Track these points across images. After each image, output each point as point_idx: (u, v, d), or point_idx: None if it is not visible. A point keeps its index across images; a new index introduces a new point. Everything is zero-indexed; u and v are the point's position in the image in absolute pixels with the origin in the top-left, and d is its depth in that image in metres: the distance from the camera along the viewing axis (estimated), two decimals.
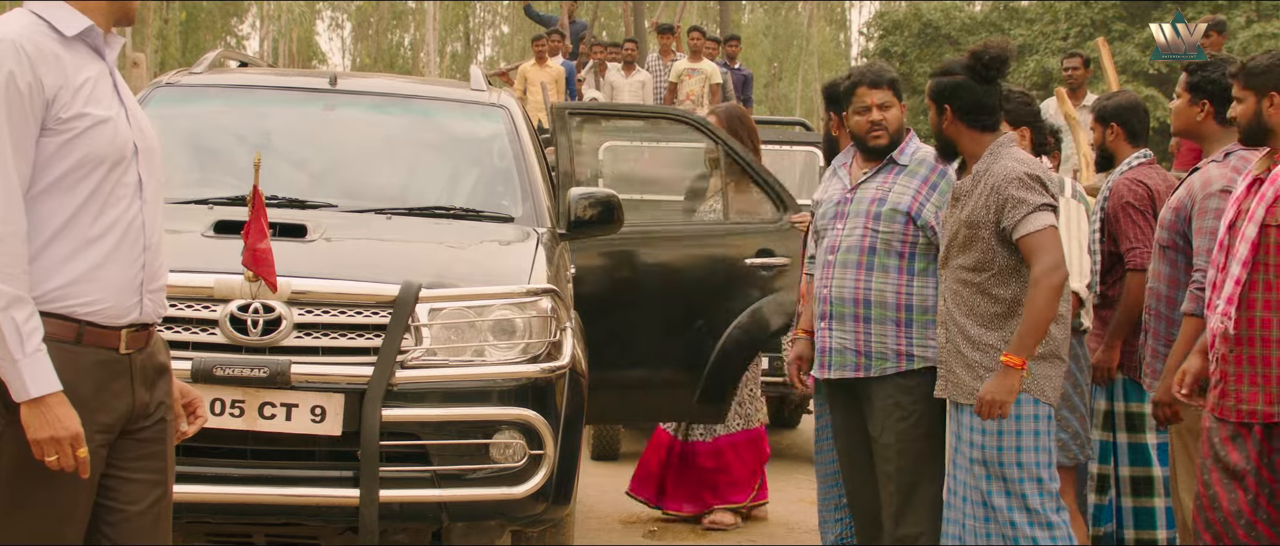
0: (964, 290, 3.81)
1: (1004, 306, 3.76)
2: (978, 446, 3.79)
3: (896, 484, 4.15)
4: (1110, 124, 4.69)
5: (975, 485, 3.80)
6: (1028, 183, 3.71)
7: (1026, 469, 3.77)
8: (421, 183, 4.93)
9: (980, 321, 3.77)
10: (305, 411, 3.72)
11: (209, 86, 5.16)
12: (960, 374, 3.81)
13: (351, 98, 5.24)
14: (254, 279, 3.66)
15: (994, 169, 3.77)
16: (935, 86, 3.92)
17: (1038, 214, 3.69)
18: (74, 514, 2.49)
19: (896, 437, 4.13)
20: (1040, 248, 3.67)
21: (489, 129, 5.10)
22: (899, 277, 4.15)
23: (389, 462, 3.74)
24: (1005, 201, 3.71)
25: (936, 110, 3.92)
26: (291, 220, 4.18)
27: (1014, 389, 3.66)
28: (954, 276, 3.84)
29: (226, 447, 3.75)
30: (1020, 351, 3.66)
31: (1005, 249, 3.75)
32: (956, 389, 3.82)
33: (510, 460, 3.82)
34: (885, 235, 4.17)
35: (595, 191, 4.80)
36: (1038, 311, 3.65)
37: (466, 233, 4.51)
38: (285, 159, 4.82)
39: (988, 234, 3.76)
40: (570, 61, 13.16)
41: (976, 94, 3.86)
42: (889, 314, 4.15)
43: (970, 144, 3.89)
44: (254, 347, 3.73)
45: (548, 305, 3.93)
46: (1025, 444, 3.77)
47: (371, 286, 3.83)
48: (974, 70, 3.87)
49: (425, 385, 3.80)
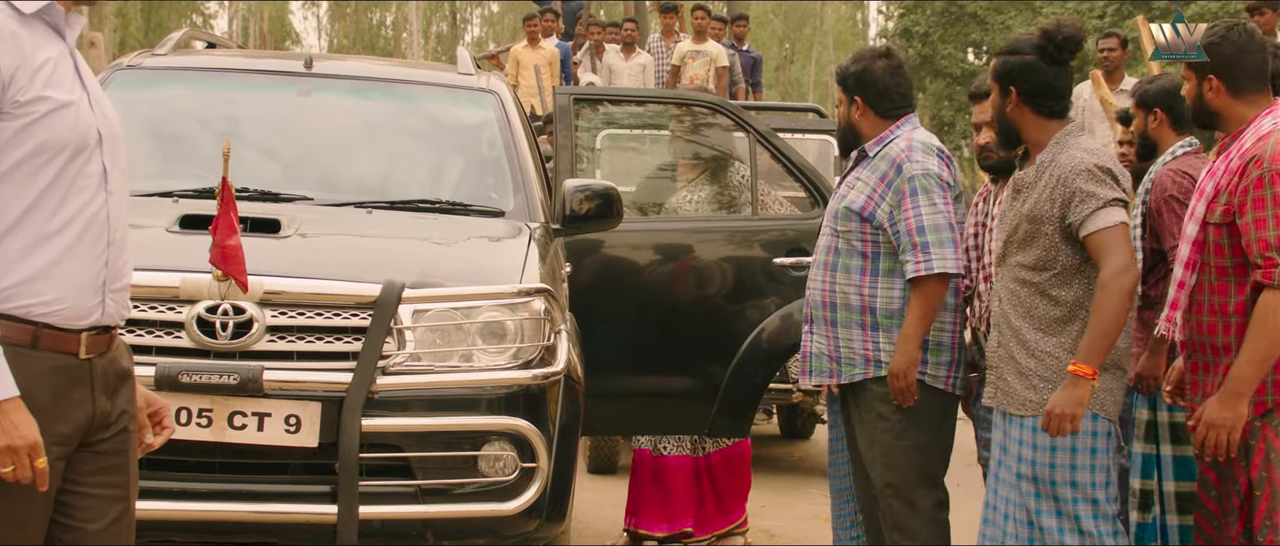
0: (1022, 290, 3.78)
1: (1065, 310, 3.73)
2: (1027, 462, 3.76)
3: (887, 497, 4.22)
4: (1153, 109, 4.70)
5: (1021, 502, 3.78)
6: (1097, 175, 3.68)
7: (1081, 489, 3.74)
8: (404, 174, 4.93)
9: (1038, 325, 3.75)
10: (279, 421, 3.72)
11: (173, 69, 5.16)
12: (1013, 382, 3.79)
13: (328, 82, 5.25)
14: (223, 278, 3.66)
15: (1060, 159, 3.74)
16: (1001, 66, 3.89)
17: (1108, 209, 3.65)
18: (28, 530, 2.49)
19: (882, 451, 4.20)
20: (1110, 246, 3.64)
21: (477, 116, 5.11)
22: (862, 278, 4.21)
23: (369, 476, 3.74)
24: (1072, 195, 3.68)
25: (1000, 92, 3.88)
26: (264, 214, 4.18)
27: (1084, 400, 3.62)
28: (1011, 275, 3.82)
29: (193, 460, 3.74)
30: (1090, 359, 3.61)
31: (1069, 247, 3.72)
32: (1008, 398, 3.80)
33: (500, 473, 3.82)
34: (845, 234, 4.26)
35: (593, 184, 4.81)
36: (1108, 316, 3.61)
37: (453, 228, 4.51)
38: (257, 148, 4.83)
39: (1051, 230, 3.73)
40: (565, 43, 13.16)
41: (1046, 76, 3.82)
42: (854, 316, 4.22)
43: (1035, 131, 3.85)
44: (223, 352, 3.73)
45: (541, 306, 3.94)
46: (1080, 462, 3.73)
47: (350, 286, 3.83)
48: (1044, 50, 3.83)
49: (408, 393, 3.80)
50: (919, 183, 4.14)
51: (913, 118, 4.35)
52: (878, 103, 4.30)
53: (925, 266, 4.08)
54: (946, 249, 4.10)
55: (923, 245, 4.10)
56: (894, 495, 4.21)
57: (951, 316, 4.24)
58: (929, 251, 4.09)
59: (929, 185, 4.15)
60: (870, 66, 4.33)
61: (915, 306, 4.10)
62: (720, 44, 12.47)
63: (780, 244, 5.46)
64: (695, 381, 5.36)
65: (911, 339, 4.10)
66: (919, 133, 4.28)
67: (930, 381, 4.18)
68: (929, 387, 4.18)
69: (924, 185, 4.14)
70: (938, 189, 4.15)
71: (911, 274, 4.10)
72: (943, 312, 4.21)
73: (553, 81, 11.97)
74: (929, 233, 4.10)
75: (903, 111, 4.31)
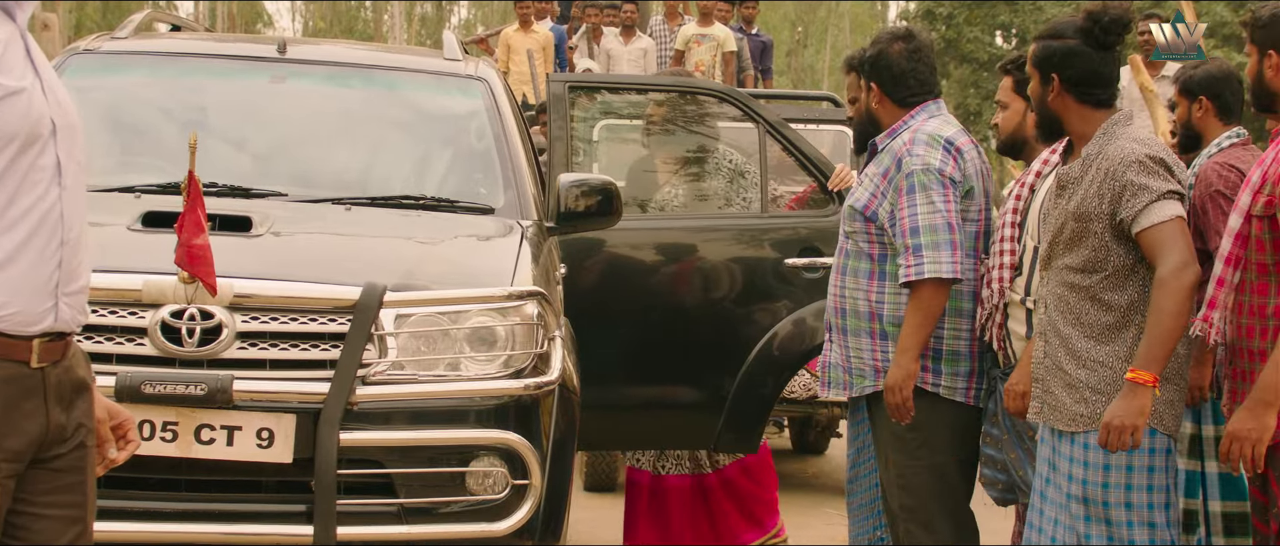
0: (1071, 295, 3.73)
1: (1118, 315, 3.68)
2: (1078, 481, 3.70)
3: (903, 521, 4.22)
4: (1198, 97, 4.69)
5: (1071, 525, 3.72)
6: (1150, 166, 3.63)
7: (1136, 511, 3.67)
8: (386, 168, 4.94)
9: (1089, 333, 3.70)
10: (250, 435, 3.71)
11: (135, 54, 5.17)
12: (1061, 396, 3.73)
13: (303, 68, 5.25)
14: (190, 280, 3.66)
15: (1108, 151, 3.70)
16: (1042, 51, 3.85)
17: (1163, 203, 3.60)
18: None
19: (898, 472, 4.20)
20: (1167, 242, 3.58)
21: (465, 105, 5.11)
22: (869, 283, 4.22)
23: (348, 495, 3.74)
24: (1123, 189, 3.63)
25: (1041, 80, 3.84)
26: (233, 211, 4.18)
27: (1146, 411, 3.54)
28: (1058, 279, 3.77)
29: (157, 478, 3.74)
30: (1151, 365, 3.54)
31: (1122, 246, 3.67)
32: (1055, 413, 3.75)
33: (490, 491, 3.83)
34: (852, 235, 4.28)
35: (590, 178, 4.81)
36: (1168, 317, 3.54)
37: (439, 226, 4.51)
38: (226, 140, 4.83)
39: (1101, 227, 3.68)
40: (560, 26, 13.16)
41: (1091, 62, 3.78)
42: (863, 324, 4.23)
43: (1079, 122, 3.80)
44: (189, 361, 3.73)
45: (534, 311, 3.93)
46: (1136, 481, 3.66)
47: (328, 289, 3.83)
48: (1090, 34, 3.78)
49: (390, 404, 3.81)
50: (917, 179, 4.12)
51: (931, 106, 4.32)
52: (894, 89, 4.30)
53: (916, 270, 4.06)
54: (942, 252, 4.06)
55: (915, 247, 4.07)
56: (910, 519, 4.19)
57: (968, 323, 4.22)
58: (922, 254, 4.06)
59: (928, 182, 4.12)
60: (886, 50, 4.32)
61: (910, 315, 4.08)
62: (728, 27, 12.47)
63: (792, 243, 5.46)
64: (700, 392, 5.36)
65: (907, 350, 4.07)
66: (931, 123, 4.25)
67: (947, 394, 4.17)
68: (946, 401, 4.17)
69: (922, 182, 4.12)
70: (937, 186, 4.12)
71: (902, 278, 4.09)
72: (957, 319, 4.19)
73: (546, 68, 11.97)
74: (923, 234, 4.08)
75: (921, 99, 4.30)
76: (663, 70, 11.40)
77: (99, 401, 2.69)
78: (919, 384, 4.12)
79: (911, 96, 4.29)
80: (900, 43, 4.34)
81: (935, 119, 4.28)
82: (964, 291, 4.18)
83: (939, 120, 4.27)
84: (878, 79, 4.32)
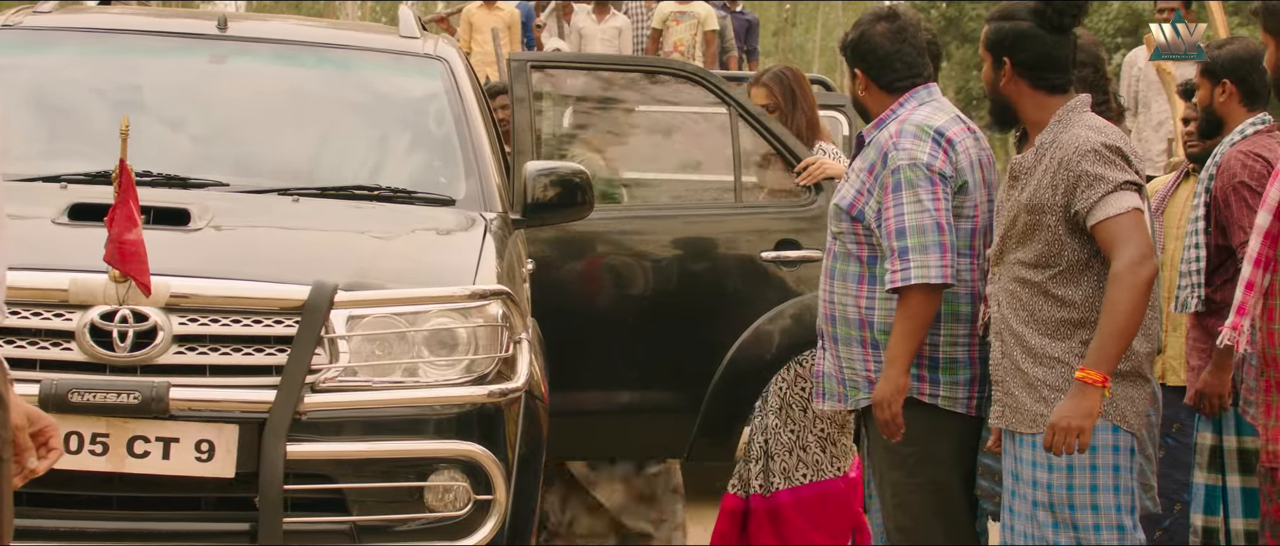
0: (1023, 291, 3.81)
1: (1074, 311, 3.77)
2: (1042, 486, 3.79)
3: (899, 543, 4.21)
4: (1221, 80, 4.71)
5: (1038, 535, 3.81)
6: (1106, 155, 3.72)
7: (1103, 514, 3.77)
8: (337, 156, 4.93)
9: (1044, 330, 3.78)
10: (188, 447, 3.70)
11: (60, 30, 5.15)
12: (1020, 396, 3.81)
13: (246, 46, 5.24)
14: (122, 279, 3.65)
15: (1062, 140, 3.78)
16: (992, 34, 3.93)
17: (1119, 194, 3.69)
18: None
19: (892, 489, 4.21)
20: (1123, 235, 3.67)
21: (424, 87, 5.10)
22: (858, 288, 4.21)
23: (296, 512, 3.74)
24: (1077, 179, 3.72)
25: (993, 64, 3.93)
26: (170, 203, 4.16)
27: (1094, 412, 3.65)
28: (1011, 274, 3.86)
29: (85, 495, 3.73)
30: (1101, 364, 3.64)
31: (1076, 239, 3.76)
32: (1016, 416, 3.83)
33: (450, 507, 3.83)
34: (839, 235, 4.26)
35: (559, 166, 4.82)
36: (1122, 313, 3.64)
37: (395, 219, 4.51)
38: (161, 124, 4.81)
39: (1054, 220, 3.76)
40: (527, 3, 13.16)
41: (1044, 45, 3.87)
42: (853, 332, 4.22)
43: (1033, 109, 3.89)
44: (122, 367, 3.71)
45: (498, 311, 3.93)
46: (1102, 481, 3.76)
47: (273, 288, 3.83)
48: (1043, 16, 3.87)
49: (342, 413, 3.80)
50: (904, 175, 4.09)
51: (921, 92, 4.28)
52: (879, 74, 4.29)
53: (902, 276, 4.05)
54: (930, 255, 4.05)
55: (902, 251, 4.05)
56: (906, 541, 4.19)
57: (966, 327, 4.22)
58: (908, 258, 4.05)
59: (915, 178, 4.09)
60: (868, 31, 4.31)
61: (898, 323, 4.06)
62: (709, 4, 12.48)
63: (768, 235, 5.47)
64: (675, 396, 5.36)
65: (895, 361, 4.06)
66: (921, 111, 4.22)
67: (946, 404, 4.17)
68: (945, 413, 4.17)
69: (909, 178, 4.09)
70: (925, 182, 4.09)
71: (888, 285, 4.08)
72: (954, 323, 4.20)
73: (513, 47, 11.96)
74: (910, 236, 4.06)
75: (909, 83, 4.28)
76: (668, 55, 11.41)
77: (17, 405, 2.67)
78: (915, 395, 4.12)
79: (898, 81, 4.28)
80: (883, 23, 4.33)
81: (925, 106, 4.25)
82: (960, 294, 4.18)
83: (929, 108, 4.25)
84: (861, 63, 4.32)
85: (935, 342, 4.15)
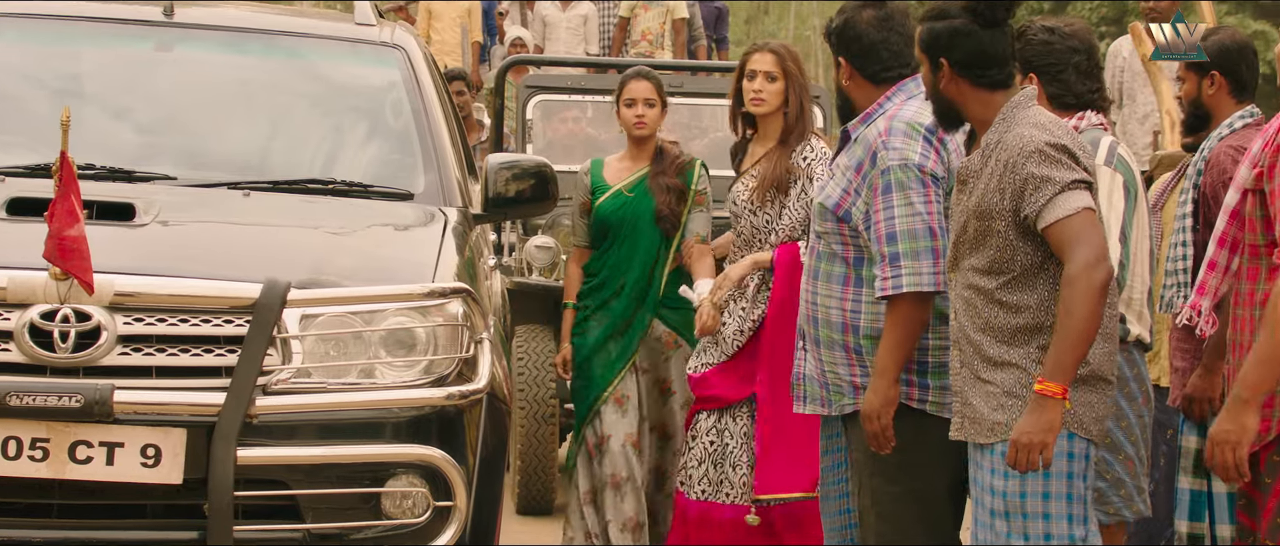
0: (978, 299, 3.81)
1: (1028, 317, 3.76)
2: (998, 494, 3.79)
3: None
4: (1209, 72, 4.74)
5: (997, 543, 3.82)
6: (1051, 155, 3.71)
7: (1055, 522, 3.76)
8: (289, 148, 4.94)
9: (1000, 337, 3.78)
10: (133, 453, 3.70)
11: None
12: (978, 405, 3.81)
13: (193, 32, 5.22)
14: (62, 277, 3.64)
15: (1007, 140, 3.77)
16: (925, 35, 3.93)
17: (1069, 194, 3.68)
18: None
19: (872, 498, 4.20)
20: (1075, 237, 3.66)
21: (381, 77, 5.11)
22: (843, 290, 4.22)
23: (247, 520, 3.74)
24: (1024, 182, 3.71)
25: (930, 65, 3.92)
26: (114, 197, 4.16)
27: (1055, 426, 3.64)
28: (964, 281, 3.85)
29: (23, 503, 3.72)
30: (1058, 375, 3.63)
31: (1028, 243, 3.75)
32: (975, 426, 3.83)
33: (408, 514, 3.83)
34: (824, 235, 4.27)
35: (522, 159, 4.83)
36: (1078, 319, 3.63)
37: (350, 214, 4.51)
38: (105, 115, 4.81)
39: (1004, 225, 3.75)
40: None
41: (980, 41, 3.86)
42: (836, 336, 4.22)
43: (978, 107, 3.88)
44: (63, 368, 3.70)
45: (458, 310, 3.94)
46: (1054, 489, 3.76)
47: (223, 286, 3.83)
48: (975, 11, 3.87)
49: (295, 416, 3.81)
50: (894, 176, 4.09)
51: (909, 84, 4.24)
52: (865, 64, 4.28)
53: (893, 284, 4.05)
54: (922, 261, 4.05)
55: (892, 257, 4.05)
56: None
57: None
58: (899, 264, 4.05)
59: (906, 180, 4.08)
60: (853, 18, 4.30)
61: (888, 332, 4.06)
62: None
63: None
64: None
65: (885, 372, 4.06)
66: (910, 106, 4.20)
67: (935, 410, 4.17)
68: (934, 419, 4.17)
69: (900, 180, 4.08)
70: (916, 184, 4.08)
71: (879, 293, 4.08)
72: (945, 327, 4.21)
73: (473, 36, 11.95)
74: (902, 241, 4.05)
75: (897, 75, 4.27)
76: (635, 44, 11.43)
77: None
78: (903, 400, 4.12)
79: (885, 72, 4.28)
80: (870, 10, 4.32)
81: (914, 100, 4.24)
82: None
83: (919, 102, 4.21)
84: (846, 52, 4.32)
85: (925, 347, 4.15)
